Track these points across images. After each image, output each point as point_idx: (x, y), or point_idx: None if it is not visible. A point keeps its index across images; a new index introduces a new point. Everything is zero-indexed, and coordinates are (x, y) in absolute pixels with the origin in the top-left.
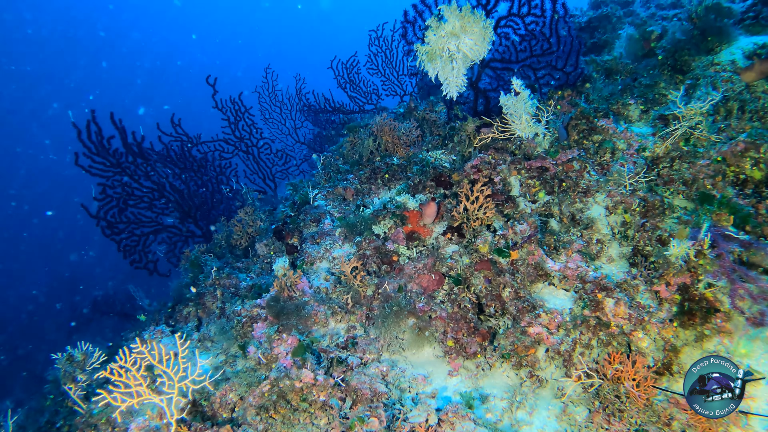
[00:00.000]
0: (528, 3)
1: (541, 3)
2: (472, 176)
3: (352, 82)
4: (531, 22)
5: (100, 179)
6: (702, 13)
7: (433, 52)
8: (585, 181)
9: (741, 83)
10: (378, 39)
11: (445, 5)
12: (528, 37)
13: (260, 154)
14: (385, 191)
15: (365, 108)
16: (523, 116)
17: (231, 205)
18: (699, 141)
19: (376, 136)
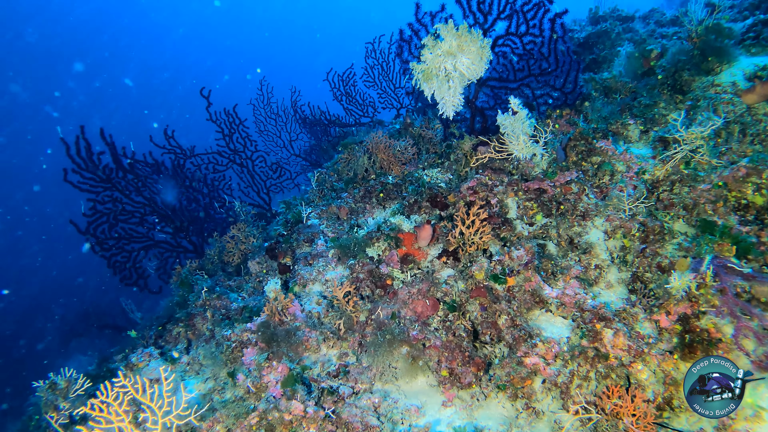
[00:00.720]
0: (526, 22)
1: (539, 23)
2: (469, 198)
3: (348, 94)
4: (529, 42)
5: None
6: (702, 33)
7: (429, 72)
8: (583, 204)
9: (742, 105)
10: (375, 51)
11: (441, 24)
12: (526, 56)
13: (255, 167)
14: (380, 211)
15: (361, 121)
16: (521, 136)
17: (225, 219)
18: (699, 164)
19: (371, 153)
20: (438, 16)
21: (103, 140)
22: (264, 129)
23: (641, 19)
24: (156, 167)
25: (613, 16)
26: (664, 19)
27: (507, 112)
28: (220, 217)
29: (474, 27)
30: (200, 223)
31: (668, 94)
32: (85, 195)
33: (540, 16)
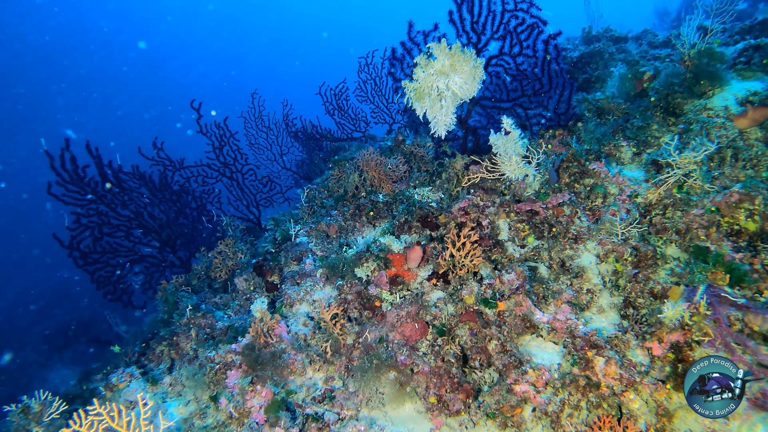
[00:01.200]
0: (520, 43)
1: (533, 44)
2: (460, 219)
3: (340, 108)
4: (522, 63)
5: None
6: (695, 56)
7: (421, 90)
8: (576, 227)
9: (734, 130)
10: (368, 66)
11: (434, 43)
12: (519, 76)
13: (245, 181)
14: (370, 229)
15: (353, 135)
16: (513, 157)
17: (213, 233)
18: (692, 189)
19: (361, 170)
20: (431, 35)
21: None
22: (255, 142)
23: (634, 40)
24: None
25: (606, 36)
26: (656, 40)
27: (499, 131)
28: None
29: (467, 46)
30: (188, 237)
31: (661, 116)
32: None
33: (534, 37)
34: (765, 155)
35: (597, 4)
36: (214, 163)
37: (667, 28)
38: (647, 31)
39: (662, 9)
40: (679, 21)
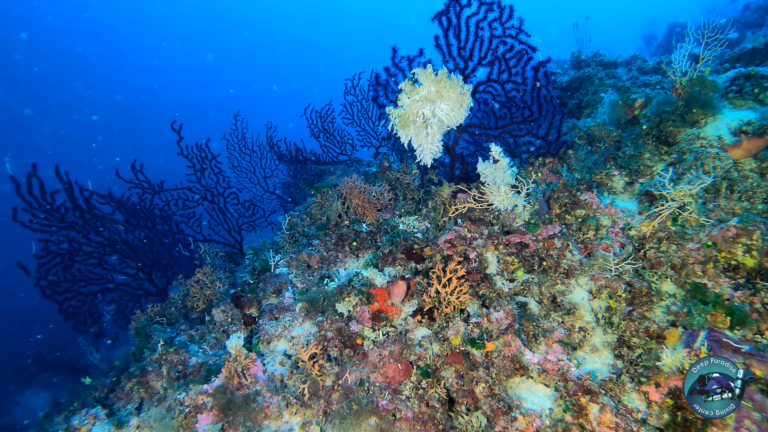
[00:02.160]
0: (508, 70)
1: (522, 71)
2: (446, 252)
3: (326, 131)
4: (511, 90)
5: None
6: (686, 84)
7: (406, 117)
8: (567, 261)
9: (728, 160)
10: (354, 88)
11: (420, 69)
12: (508, 103)
13: (226, 204)
14: (353, 260)
15: (339, 159)
16: (502, 187)
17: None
18: (687, 222)
19: (345, 198)
20: (416, 60)
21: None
22: (237, 165)
23: (623, 65)
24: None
25: (595, 61)
26: (646, 66)
27: (488, 159)
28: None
29: (454, 72)
30: (165, 264)
31: (653, 144)
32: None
33: (523, 63)
34: (760, 187)
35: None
36: (196, 186)
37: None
38: (636, 57)
39: (649, 33)
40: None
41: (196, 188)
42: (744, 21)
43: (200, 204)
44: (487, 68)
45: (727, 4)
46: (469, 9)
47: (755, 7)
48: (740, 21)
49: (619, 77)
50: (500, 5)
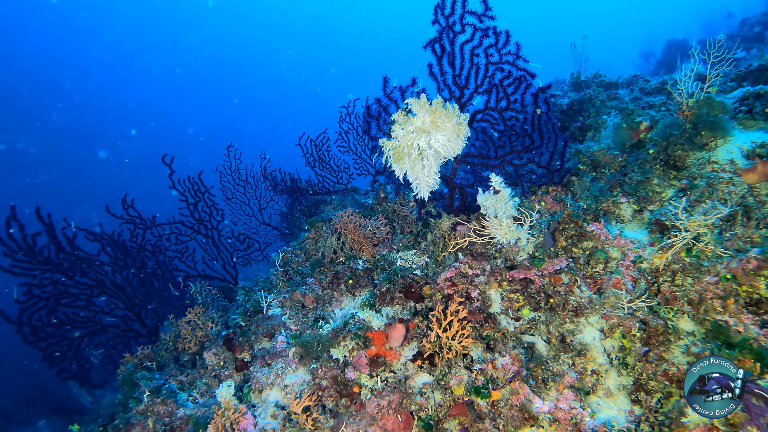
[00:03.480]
0: (506, 97)
1: (521, 98)
2: (446, 291)
3: (321, 160)
4: (510, 118)
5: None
6: (693, 106)
7: (400, 150)
8: (575, 297)
9: (743, 185)
10: (349, 116)
11: (413, 99)
12: (507, 132)
13: (220, 238)
14: (349, 298)
15: (335, 188)
16: (504, 220)
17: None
18: (703, 252)
19: (339, 233)
20: (409, 90)
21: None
22: (232, 197)
23: (625, 85)
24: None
25: (595, 82)
26: (648, 86)
27: (488, 190)
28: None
29: (450, 101)
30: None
31: (661, 169)
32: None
33: (521, 90)
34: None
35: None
36: (189, 220)
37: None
38: (638, 77)
39: (647, 51)
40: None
41: (189, 222)
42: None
43: (193, 238)
44: (485, 96)
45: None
46: (463, 35)
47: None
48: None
49: (621, 98)
50: (496, 31)
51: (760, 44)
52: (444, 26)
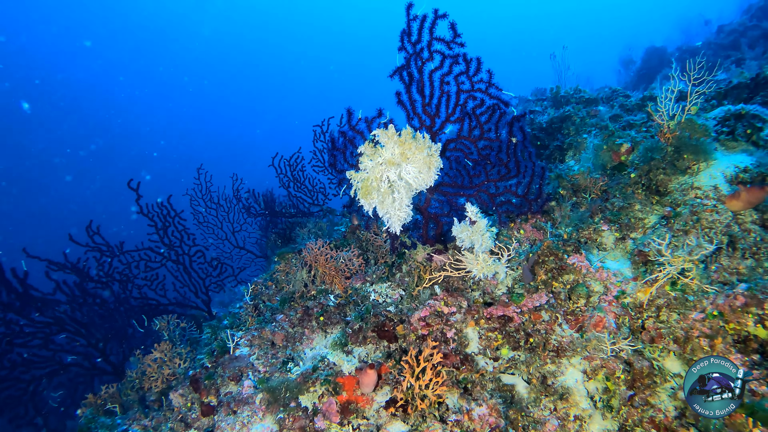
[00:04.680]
0: (480, 126)
1: (495, 127)
2: (420, 331)
3: (296, 180)
4: (485, 147)
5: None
6: (674, 128)
7: (368, 183)
8: (556, 336)
9: (727, 213)
10: (323, 134)
11: (380, 130)
12: (482, 161)
13: (192, 264)
14: (321, 336)
15: (311, 210)
16: (480, 255)
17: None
18: (688, 287)
19: (311, 266)
20: (375, 121)
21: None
22: (204, 220)
23: (605, 101)
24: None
25: (575, 98)
26: (629, 102)
27: (464, 220)
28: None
29: (421, 130)
30: (121, 338)
31: (643, 194)
32: None
33: (496, 119)
34: (765, 242)
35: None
36: (158, 246)
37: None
38: (617, 92)
39: (627, 58)
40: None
41: (158, 248)
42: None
43: (164, 265)
44: (457, 124)
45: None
46: (432, 63)
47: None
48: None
49: (601, 116)
50: (466, 58)
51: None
52: (411, 53)
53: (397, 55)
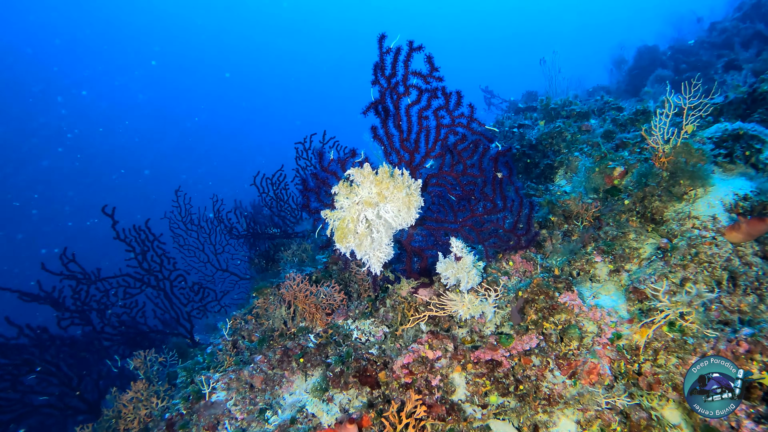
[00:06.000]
0: (462, 162)
1: (479, 162)
2: (404, 379)
3: (279, 199)
4: (468, 183)
5: None
6: (669, 152)
7: (345, 226)
8: (548, 383)
9: (727, 246)
10: (306, 152)
11: (355, 169)
12: (466, 197)
13: (173, 289)
14: (300, 378)
15: (295, 229)
16: (466, 296)
17: (121, 378)
18: (688, 328)
19: (290, 302)
20: (349, 162)
21: None
22: (184, 243)
23: (596, 114)
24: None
25: (566, 110)
26: (621, 117)
27: (449, 255)
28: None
29: (399, 166)
30: (96, 378)
31: (638, 222)
32: None
33: (479, 154)
34: (767, 276)
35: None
36: (138, 272)
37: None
38: (609, 104)
39: (619, 57)
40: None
41: (138, 273)
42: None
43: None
44: (438, 159)
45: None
46: (409, 97)
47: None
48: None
49: (593, 131)
50: (445, 92)
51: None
52: (386, 87)
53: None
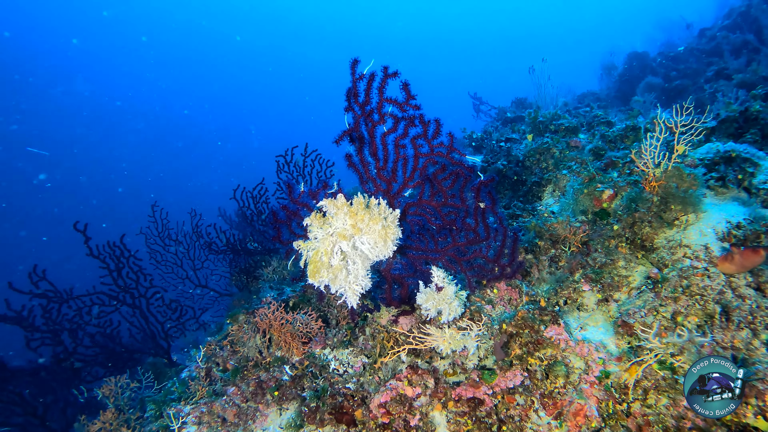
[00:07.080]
0: (443, 192)
1: (459, 193)
2: (381, 419)
3: (260, 213)
4: (449, 213)
5: None
6: (660, 176)
7: (318, 259)
8: (533, 424)
9: (719, 278)
10: (288, 165)
11: (328, 200)
12: (447, 226)
13: (149, 307)
14: (275, 412)
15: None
16: (447, 331)
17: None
18: (680, 368)
19: (265, 330)
20: (321, 193)
21: None
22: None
23: (585, 128)
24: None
25: (555, 124)
26: (611, 133)
27: (430, 284)
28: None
29: (377, 195)
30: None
31: (627, 248)
32: None
33: (460, 184)
34: (761, 309)
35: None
36: (112, 289)
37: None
38: (598, 117)
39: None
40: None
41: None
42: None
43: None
44: (418, 188)
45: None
46: (385, 125)
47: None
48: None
49: (581, 148)
50: (423, 120)
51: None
52: (360, 114)
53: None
